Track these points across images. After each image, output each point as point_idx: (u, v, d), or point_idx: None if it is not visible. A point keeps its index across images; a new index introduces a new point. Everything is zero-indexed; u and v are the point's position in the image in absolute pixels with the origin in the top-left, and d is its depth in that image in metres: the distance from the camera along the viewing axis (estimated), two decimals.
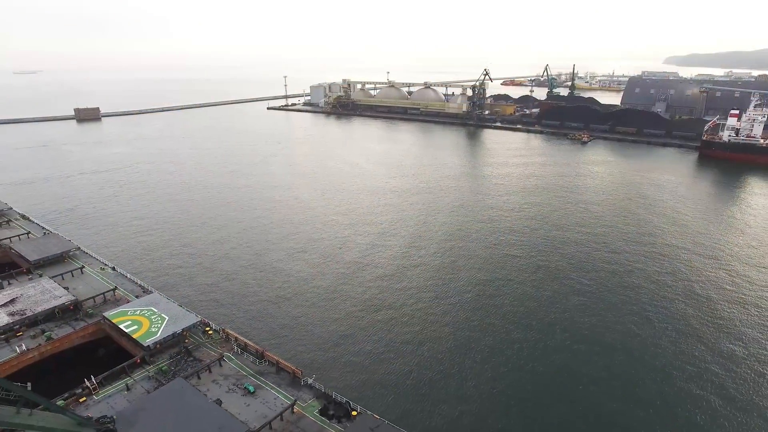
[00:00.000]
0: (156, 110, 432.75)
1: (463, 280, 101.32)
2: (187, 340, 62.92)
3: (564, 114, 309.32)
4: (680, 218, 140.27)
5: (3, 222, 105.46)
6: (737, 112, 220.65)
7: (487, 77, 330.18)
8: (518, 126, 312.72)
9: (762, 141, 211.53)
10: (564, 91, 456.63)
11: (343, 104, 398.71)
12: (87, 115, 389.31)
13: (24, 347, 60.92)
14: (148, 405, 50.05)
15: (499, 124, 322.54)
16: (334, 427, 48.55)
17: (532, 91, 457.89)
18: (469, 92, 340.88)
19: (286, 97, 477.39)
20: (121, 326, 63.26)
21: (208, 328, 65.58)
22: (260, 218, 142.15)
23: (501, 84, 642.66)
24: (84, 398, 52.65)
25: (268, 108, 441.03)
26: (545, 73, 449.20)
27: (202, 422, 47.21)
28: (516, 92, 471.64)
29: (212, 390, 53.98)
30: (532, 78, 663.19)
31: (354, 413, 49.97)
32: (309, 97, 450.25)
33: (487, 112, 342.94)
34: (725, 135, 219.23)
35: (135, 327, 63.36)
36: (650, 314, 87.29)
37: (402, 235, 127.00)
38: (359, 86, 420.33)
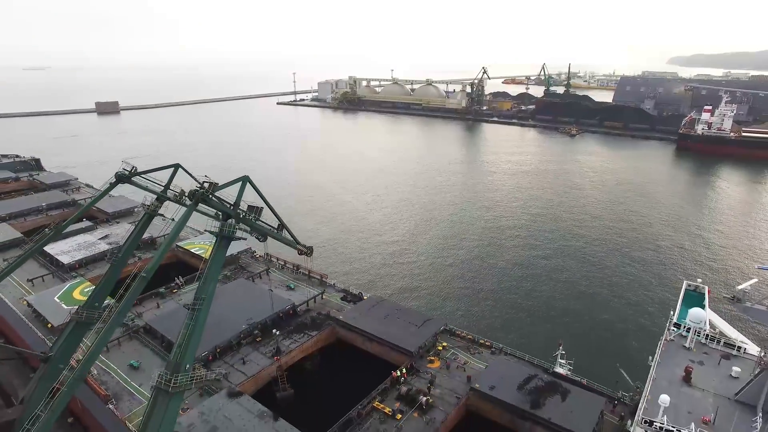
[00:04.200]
0: (171, 104, 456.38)
1: (441, 224, 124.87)
2: (240, 260, 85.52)
3: (556, 110, 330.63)
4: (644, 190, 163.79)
5: (75, 188, 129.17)
6: (710, 107, 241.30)
7: (485, 75, 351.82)
8: (514, 121, 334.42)
9: (732, 134, 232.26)
10: (561, 90, 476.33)
11: (350, 100, 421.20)
12: (107, 109, 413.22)
13: None
14: (222, 291, 72.40)
15: (496, 118, 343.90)
16: (350, 305, 70.95)
17: (527, 89, 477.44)
18: (469, 89, 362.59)
19: (294, 93, 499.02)
20: (192, 250, 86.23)
21: (255, 253, 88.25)
22: (280, 190, 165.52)
23: (502, 83, 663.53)
24: (176, 290, 75.42)
25: (277, 103, 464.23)
26: (542, 72, 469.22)
27: (261, 300, 69.55)
28: (516, 90, 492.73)
29: (263, 287, 76.38)
30: (533, 77, 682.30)
31: (365, 298, 72.38)
32: (317, 93, 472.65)
33: (485, 108, 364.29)
34: (699, 129, 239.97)
35: (202, 251, 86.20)
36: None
37: (391, 199, 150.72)
38: (365, 83, 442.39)
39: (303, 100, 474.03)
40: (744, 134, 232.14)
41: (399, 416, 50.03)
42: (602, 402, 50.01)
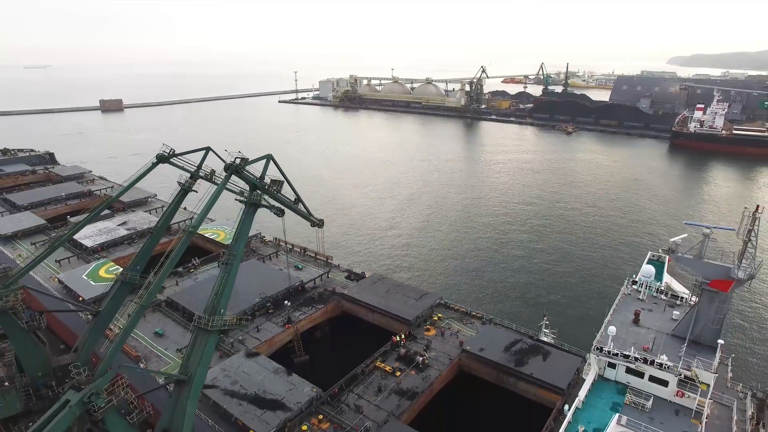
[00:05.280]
0: (174, 102, 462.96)
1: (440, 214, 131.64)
2: (250, 244, 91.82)
3: (554, 108, 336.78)
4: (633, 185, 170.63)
5: (90, 180, 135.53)
6: (702, 106, 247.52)
7: (483, 74, 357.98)
8: (512, 119, 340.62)
9: (723, 132, 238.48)
10: (559, 89, 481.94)
11: (351, 98, 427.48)
12: (111, 106, 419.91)
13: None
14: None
15: (494, 117, 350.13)
16: (354, 283, 77.29)
17: (525, 88, 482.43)
18: (468, 88, 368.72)
19: (296, 91, 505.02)
20: (207, 234, 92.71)
21: (264, 237, 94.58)
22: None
23: (501, 81, 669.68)
24: (192, 270, 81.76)
25: (279, 101, 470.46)
26: (540, 71, 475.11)
27: (273, 278, 75.90)
28: (515, 89, 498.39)
29: (274, 267, 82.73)
30: (531, 76, 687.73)
31: (367, 276, 78.71)
32: (318, 92, 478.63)
33: (483, 106, 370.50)
34: (692, 126, 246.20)
35: (215, 236, 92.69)
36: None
37: (395, 194, 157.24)
38: (365, 82, 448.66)
39: (304, 98, 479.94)
40: (735, 132, 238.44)
41: (398, 374, 56.39)
42: (578, 361, 56.35)
